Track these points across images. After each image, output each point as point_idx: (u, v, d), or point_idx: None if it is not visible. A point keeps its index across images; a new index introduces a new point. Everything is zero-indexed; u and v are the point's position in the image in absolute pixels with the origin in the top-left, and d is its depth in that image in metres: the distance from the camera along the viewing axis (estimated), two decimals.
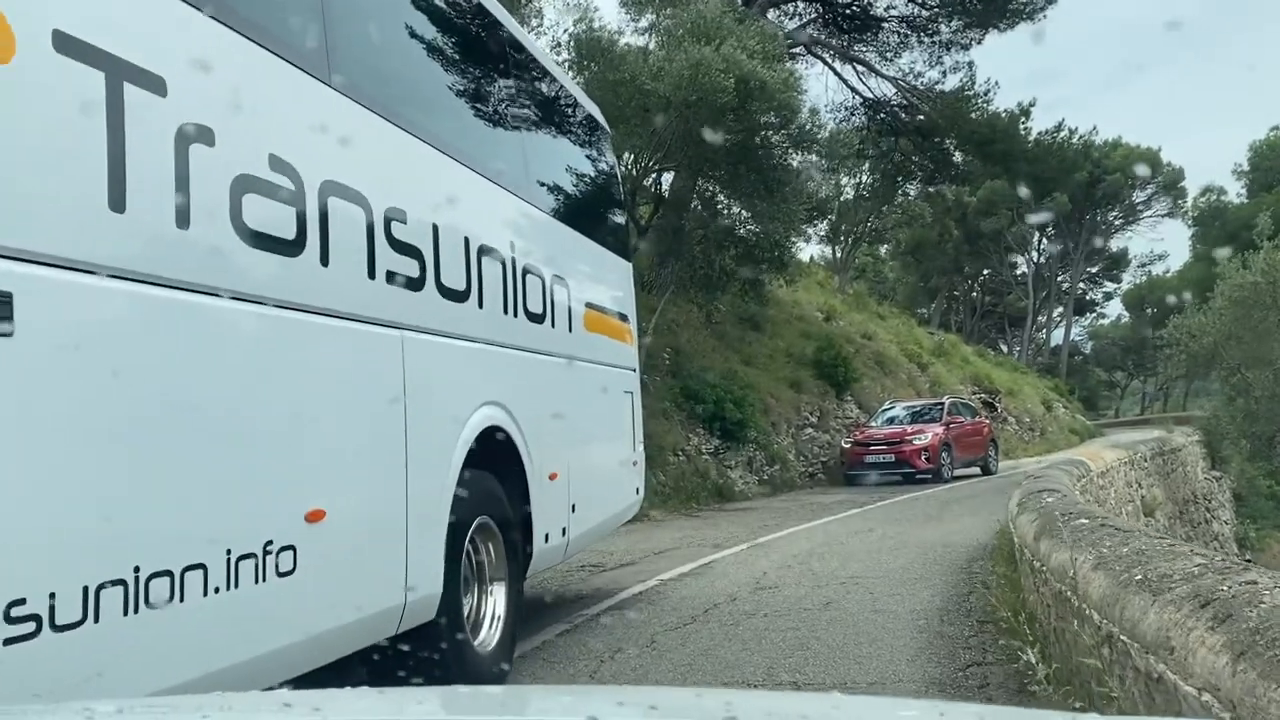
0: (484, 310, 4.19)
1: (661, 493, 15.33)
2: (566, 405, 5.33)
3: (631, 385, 7.28)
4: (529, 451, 4.50)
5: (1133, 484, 13.86)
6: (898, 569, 8.73)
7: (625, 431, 6.98)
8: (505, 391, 4.33)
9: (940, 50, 23.53)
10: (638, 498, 7.45)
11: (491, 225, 4.39)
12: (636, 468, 7.32)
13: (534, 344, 4.84)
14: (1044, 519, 5.18)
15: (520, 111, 5.00)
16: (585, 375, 5.81)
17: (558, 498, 5.01)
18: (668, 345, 19.00)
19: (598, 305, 6.29)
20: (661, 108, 14.47)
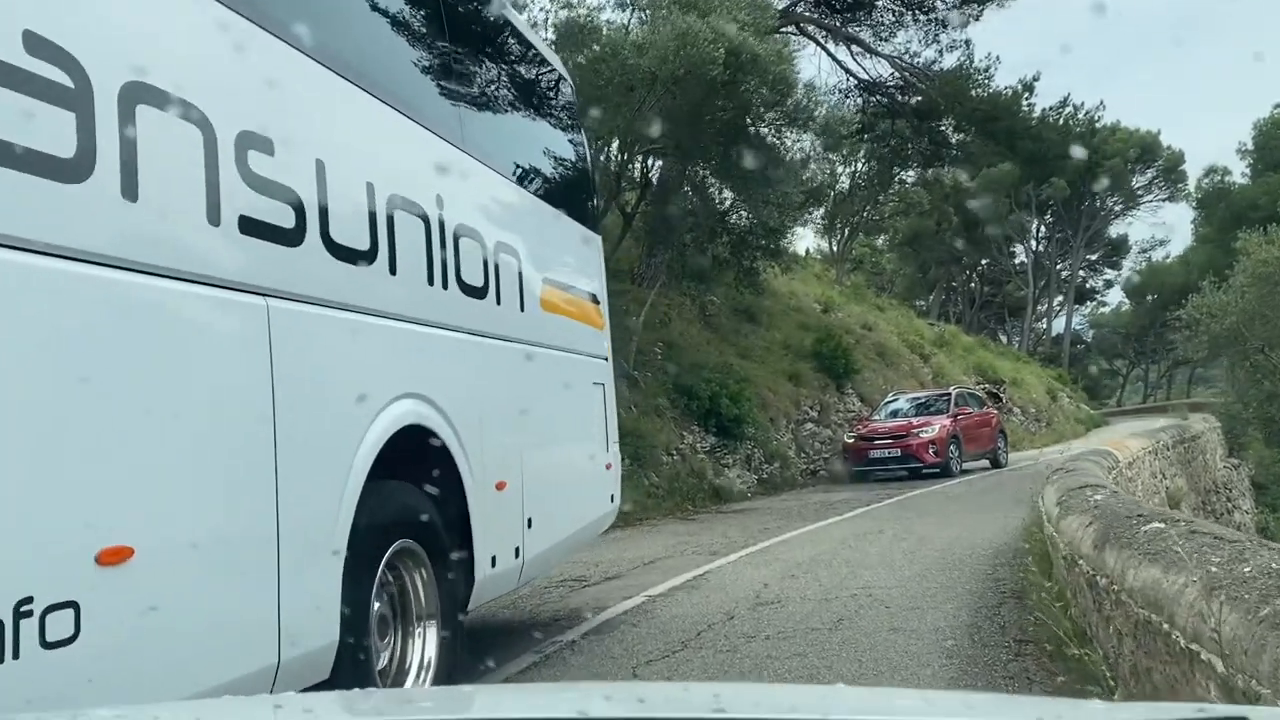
0: (398, 278, 3.30)
1: (654, 495, 14.45)
2: (519, 399, 4.47)
3: (603, 376, 6.39)
4: (467, 456, 3.62)
5: (1158, 474, 13.01)
6: (914, 577, 7.85)
7: (595, 430, 6.10)
8: (433, 382, 3.46)
9: (937, 28, 22.64)
10: (613, 507, 6.56)
11: (409, 171, 3.50)
12: (610, 472, 6.43)
13: (473, 324, 3.94)
14: (1104, 523, 4.29)
15: (451, 38, 4.05)
16: (543, 364, 4.95)
17: (508, 512, 4.13)
18: (659, 339, 18.12)
19: (559, 282, 5.43)
20: (647, 84, 13.58)
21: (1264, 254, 15.01)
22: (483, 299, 4.10)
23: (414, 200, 3.44)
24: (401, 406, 3.16)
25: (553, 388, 5.18)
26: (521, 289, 4.61)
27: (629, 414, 15.27)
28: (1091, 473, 7.46)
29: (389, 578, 3.22)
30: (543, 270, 5.10)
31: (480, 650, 5.62)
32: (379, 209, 3.17)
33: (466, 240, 3.92)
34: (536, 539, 4.48)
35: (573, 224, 5.99)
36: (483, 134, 4.44)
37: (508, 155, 4.77)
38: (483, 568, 3.75)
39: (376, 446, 2.96)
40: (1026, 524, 9.47)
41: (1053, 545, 5.82)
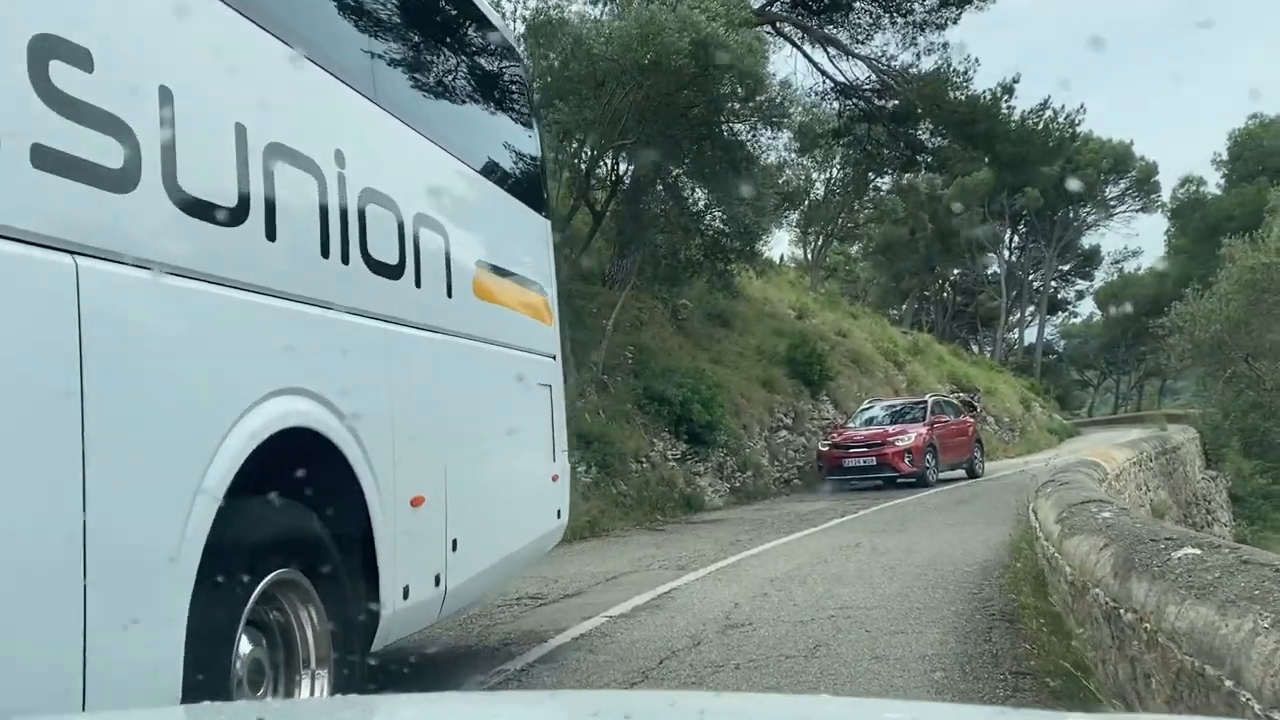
0: (278, 246, 2.65)
1: (622, 504, 13.85)
2: (443, 400, 3.84)
3: (551, 377, 5.74)
4: (371, 467, 2.98)
5: (1142, 486, 12.59)
6: (895, 595, 7.29)
7: (540, 437, 5.45)
8: (326, 376, 2.83)
9: (914, 31, 22.23)
10: (560, 523, 5.90)
11: (299, 117, 2.86)
12: (558, 484, 5.79)
13: (384, 309, 3.28)
14: (1123, 547, 3.74)
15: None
16: (476, 359, 4.32)
17: (426, 532, 3.49)
18: (631, 342, 17.54)
19: (499, 268, 4.79)
20: (615, 76, 13.01)
21: (1251, 260, 14.65)
22: (397, 279, 3.42)
23: (303, 152, 2.80)
24: (279, 405, 2.53)
25: (487, 388, 4.54)
26: (449, 272, 3.97)
27: (597, 419, 14.67)
28: (1087, 485, 6.95)
29: (267, 615, 2.59)
30: (478, 253, 4.43)
31: (412, 681, 4.99)
32: (253, 156, 2.52)
33: (377, 208, 3.26)
34: (463, 564, 3.81)
35: (517, 204, 5.36)
36: (405, 89, 3.82)
37: (437, 118, 4.13)
38: (392, 600, 3.10)
39: (242, 453, 2.33)
40: (1014, 540, 8.96)
41: (1052, 567, 5.27)
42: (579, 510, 12.67)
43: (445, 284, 3.95)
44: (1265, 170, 37.79)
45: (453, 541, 3.71)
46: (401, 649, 6.28)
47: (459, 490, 3.81)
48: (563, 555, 10.76)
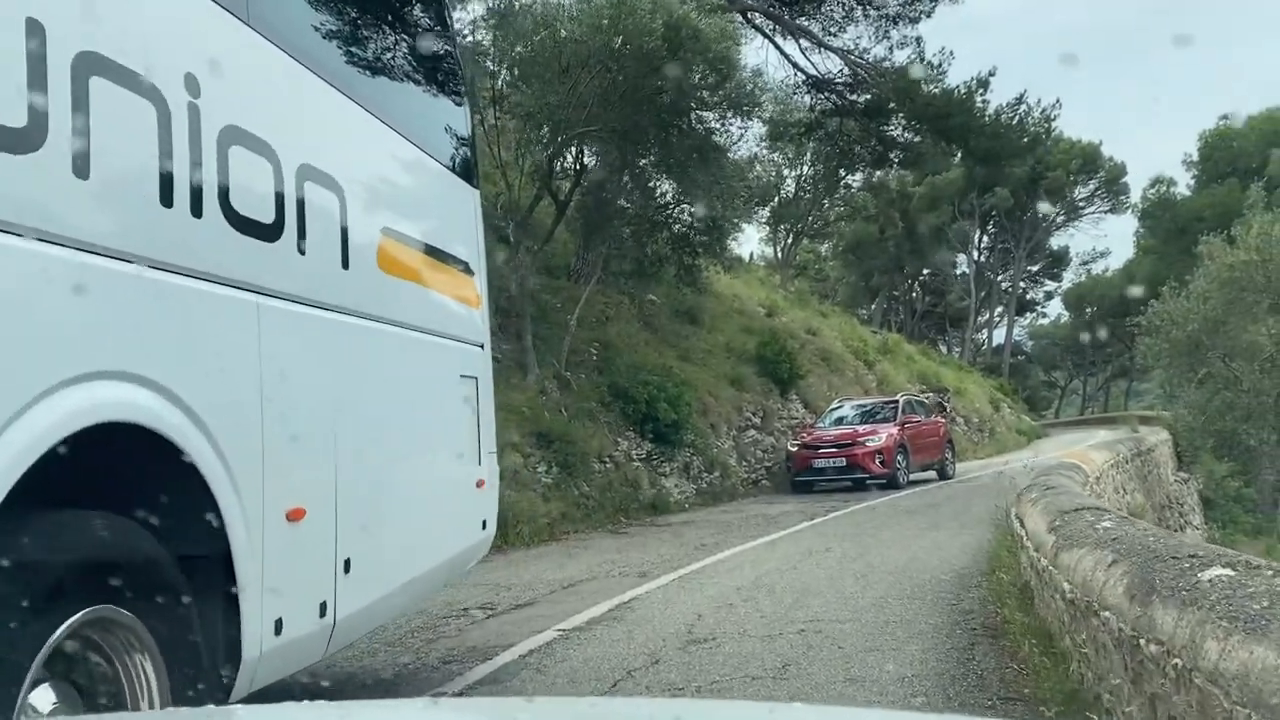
0: (92, 185, 2.06)
1: (584, 506, 13.29)
2: (335, 391, 3.23)
3: (477, 368, 5.11)
4: (230, 471, 2.40)
5: (1120, 489, 12.24)
6: (869, 607, 6.81)
7: (463, 437, 4.82)
8: (165, 358, 2.26)
9: (887, 24, 21.86)
10: (485, 535, 5.26)
11: (120, 21, 2.22)
12: (484, 491, 5.15)
13: (252, 277, 2.70)
14: (1136, 564, 3.25)
15: None
16: (380, 344, 3.73)
17: (308, 551, 2.90)
18: (595, 338, 16.98)
19: (411, 239, 4.15)
20: (581, 60, 12.45)
21: (1230, 258, 14.34)
22: (272, 241, 2.79)
23: (135, 71, 2.19)
24: (94, 392, 1.93)
25: (395, 378, 3.90)
26: (345, 238, 3.34)
27: (559, 417, 14.10)
28: (1075, 490, 6.49)
29: (90, 659, 2.02)
30: (385, 219, 3.84)
31: None
32: (55, 66, 1.93)
33: (245, 153, 2.62)
34: (358, 588, 3.20)
35: (439, 169, 4.68)
36: (293, 14, 3.21)
37: (336, 56, 3.52)
38: (258, 637, 2.48)
39: (33, 451, 1.75)
40: (992, 548, 8.51)
41: (1044, 581, 4.79)
42: (538, 513, 12.11)
43: (340, 252, 3.32)
44: (1235, 171, 37.91)
45: (345, 562, 3.10)
46: (331, 666, 5.70)
47: (354, 500, 3.20)
48: (519, 561, 10.20)
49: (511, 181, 14.87)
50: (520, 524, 11.60)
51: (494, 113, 14.52)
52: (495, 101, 14.42)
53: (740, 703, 3.97)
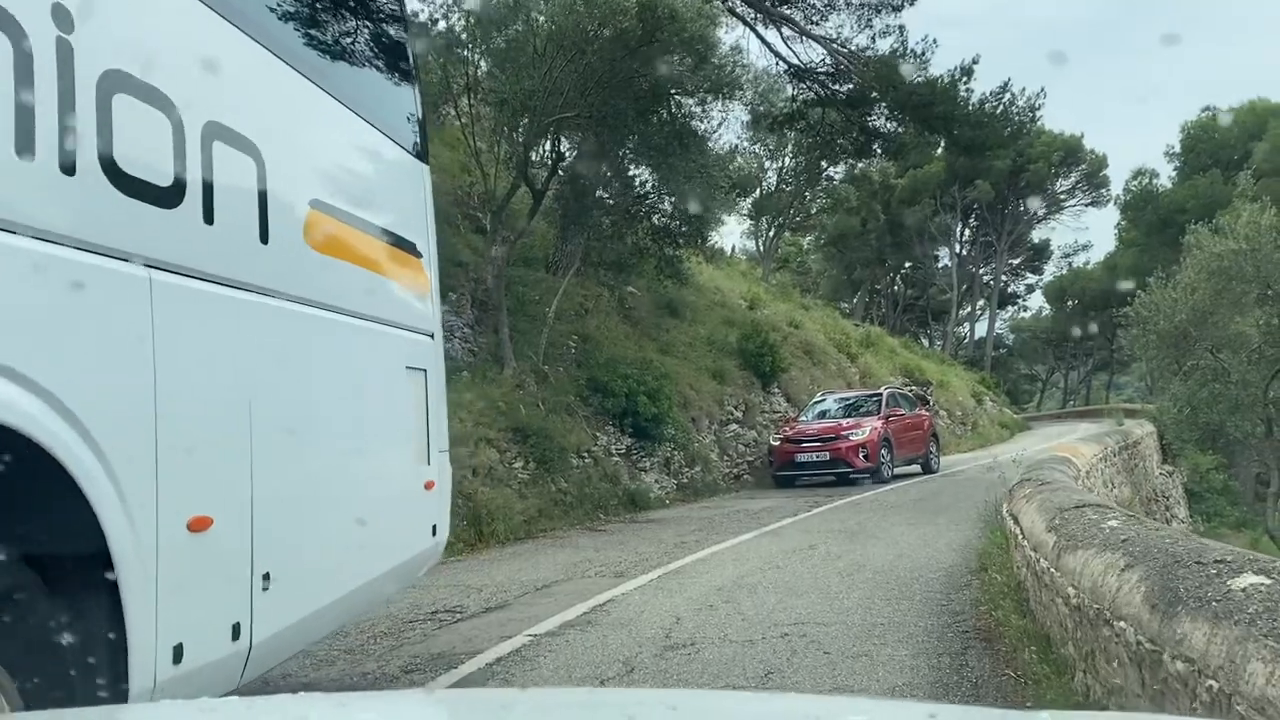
0: None
1: (562, 503, 12.95)
2: (251, 382, 2.86)
3: (426, 359, 4.70)
4: (112, 474, 2.04)
5: (1108, 482, 12.01)
6: (855, 608, 6.52)
7: (408, 434, 4.40)
8: (28, 342, 1.91)
9: (870, 12, 21.54)
10: (436, 541, 4.83)
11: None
12: (433, 493, 4.72)
13: (144, 248, 2.33)
14: (1154, 569, 2.96)
15: None
16: (307, 330, 3.34)
17: (216, 566, 2.54)
18: (574, 331, 16.63)
19: (348, 215, 3.72)
20: (555, 42, 12.09)
21: (1219, 247, 14.12)
22: (171, 208, 2.44)
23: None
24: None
25: (327, 368, 3.52)
26: (264, 208, 2.94)
27: (536, 412, 13.75)
28: (1071, 486, 6.21)
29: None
30: (315, 190, 3.42)
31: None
32: None
33: (132, 101, 2.27)
34: (279, 606, 2.82)
35: (380, 139, 4.25)
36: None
37: (253, 1, 3.09)
38: (151, 669, 2.12)
39: None
40: (982, 545, 8.25)
41: (1043, 583, 4.49)
42: (514, 510, 11.76)
43: (258, 224, 2.92)
44: (1218, 162, 37.88)
45: (263, 576, 2.74)
46: (288, 675, 5.35)
47: (274, 506, 2.82)
48: (492, 560, 9.87)
49: (487, 170, 14.50)
50: (495, 521, 11.26)
51: (468, 100, 14.15)
52: (469, 89, 14.04)
53: (735, 692, 3.95)
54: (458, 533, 10.76)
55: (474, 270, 15.88)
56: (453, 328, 15.28)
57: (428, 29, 14.27)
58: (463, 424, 12.25)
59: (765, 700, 2.35)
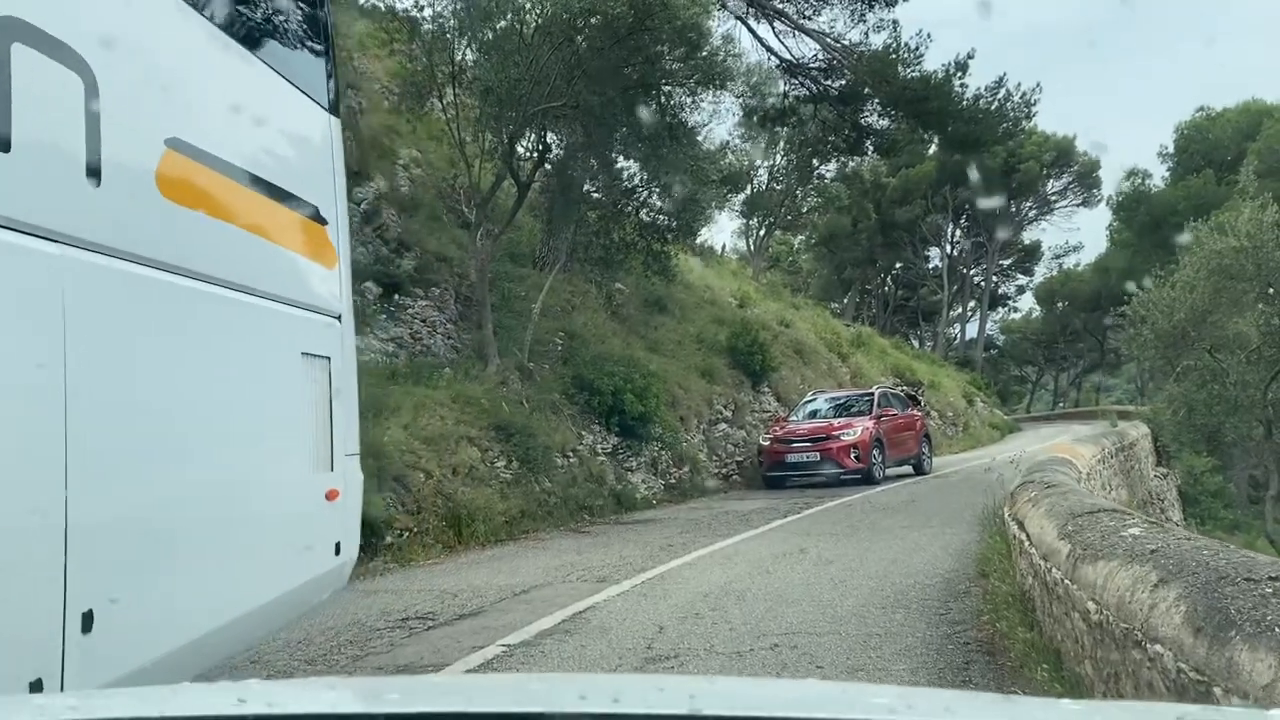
0: None
1: (545, 504, 12.59)
2: (57, 366, 2.28)
3: (329, 345, 4.03)
4: None
5: (1106, 485, 11.72)
6: (849, 616, 6.17)
7: (302, 435, 3.77)
8: None
9: (863, 7, 21.25)
10: (340, 561, 4.17)
11: None
12: (339, 504, 4.08)
13: None
14: (1201, 589, 2.62)
15: None
16: (154, 300, 2.75)
17: (6, 605, 2.04)
18: (560, 328, 16.27)
19: (219, 160, 3.14)
20: (542, 29, 11.73)
21: (1220, 245, 13.85)
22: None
23: None
24: None
25: (184, 350, 2.91)
26: (95, 139, 2.41)
27: (520, 409, 13.37)
28: (1078, 488, 5.88)
29: None
30: (172, 124, 2.85)
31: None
32: None
33: None
34: (107, 653, 2.30)
35: (274, 79, 3.65)
36: None
37: None
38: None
39: None
40: (980, 550, 7.91)
41: (1055, 595, 4.14)
42: (495, 510, 11.37)
43: (84, 159, 2.39)
44: (1211, 163, 37.69)
45: (82, 617, 2.22)
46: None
47: (100, 528, 2.31)
48: (470, 563, 9.50)
49: (471, 162, 14.12)
50: (475, 522, 10.89)
51: (453, 89, 13.76)
52: (454, 78, 13.65)
53: (755, 679, 3.96)
54: (436, 534, 10.39)
55: (458, 265, 15.51)
56: (436, 323, 14.91)
57: (415, 20, 13.91)
58: (443, 422, 11.89)
59: (783, 687, 2.34)
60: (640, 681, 2.73)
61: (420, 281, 14.81)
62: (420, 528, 10.29)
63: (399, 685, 2.05)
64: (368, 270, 14.12)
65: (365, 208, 14.54)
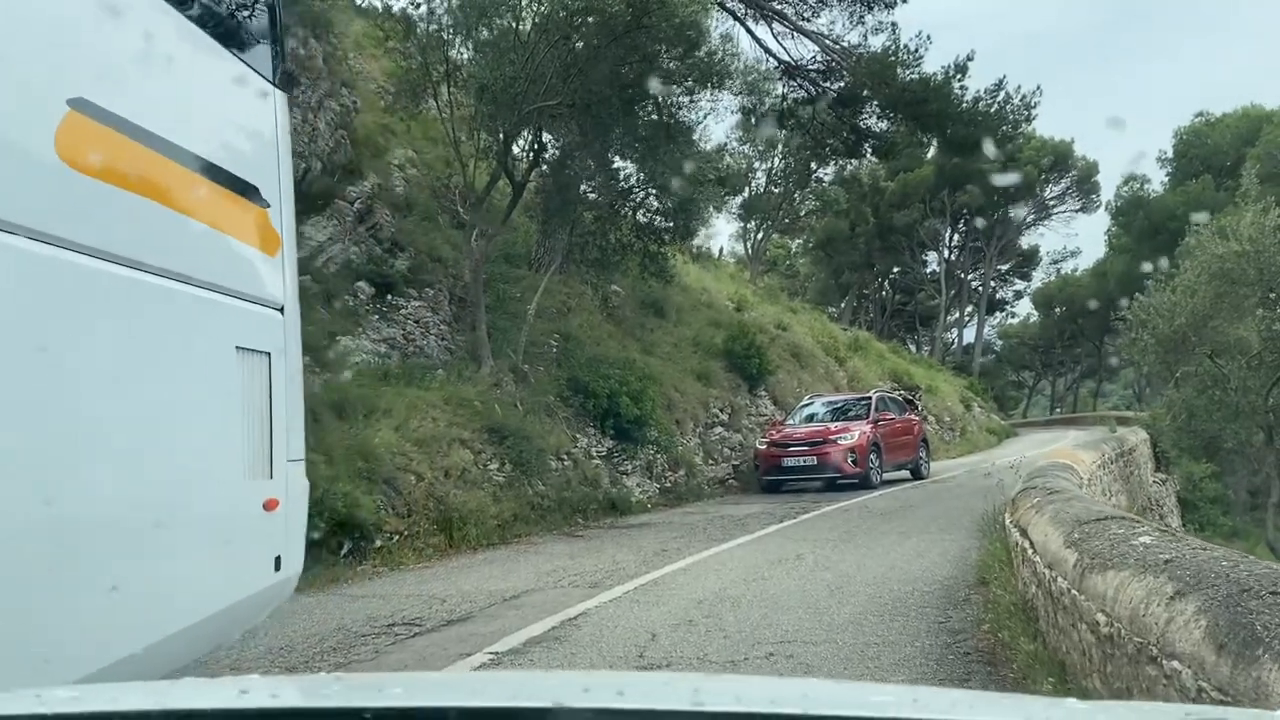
0: None
1: (539, 507, 12.42)
2: None
3: (269, 339, 3.71)
4: None
5: (1106, 490, 11.58)
6: (846, 625, 6.02)
7: (235, 438, 3.42)
8: None
9: (862, 9, 21.14)
10: (282, 577, 3.78)
11: None
12: (278, 516, 3.69)
13: None
14: (1222, 603, 2.48)
15: None
16: (53, 282, 2.48)
17: None
18: (556, 329, 16.12)
19: (133, 127, 2.83)
20: (539, 27, 11.59)
21: (1222, 249, 13.71)
22: None
23: None
24: None
25: (90, 340, 2.61)
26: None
27: (513, 412, 13.22)
28: (1083, 495, 5.73)
29: None
30: (77, 83, 2.59)
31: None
32: None
33: None
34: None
35: (206, 42, 3.36)
36: None
37: None
38: None
39: None
40: (980, 556, 7.76)
41: (1060, 604, 3.99)
42: (487, 514, 11.20)
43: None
44: (1210, 168, 37.62)
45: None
46: None
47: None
48: (461, 567, 9.33)
49: (466, 162, 13.97)
50: (467, 526, 10.73)
51: (447, 88, 13.62)
52: (449, 75, 13.51)
53: (758, 677, 3.97)
54: (426, 538, 10.22)
55: (453, 266, 15.36)
56: (429, 324, 14.75)
57: (410, 19, 13.77)
58: (436, 423, 11.73)
59: (786, 685, 2.35)
60: (645, 678, 2.76)
61: (414, 282, 14.66)
62: (411, 531, 10.13)
63: (403, 680, 2.06)
64: (361, 270, 13.97)
65: (359, 207, 14.40)
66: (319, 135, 14.02)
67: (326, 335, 12.31)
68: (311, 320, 12.48)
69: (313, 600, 7.64)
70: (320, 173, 13.82)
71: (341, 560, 9.01)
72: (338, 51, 15.96)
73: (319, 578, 8.47)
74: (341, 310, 13.12)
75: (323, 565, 8.74)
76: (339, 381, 11.32)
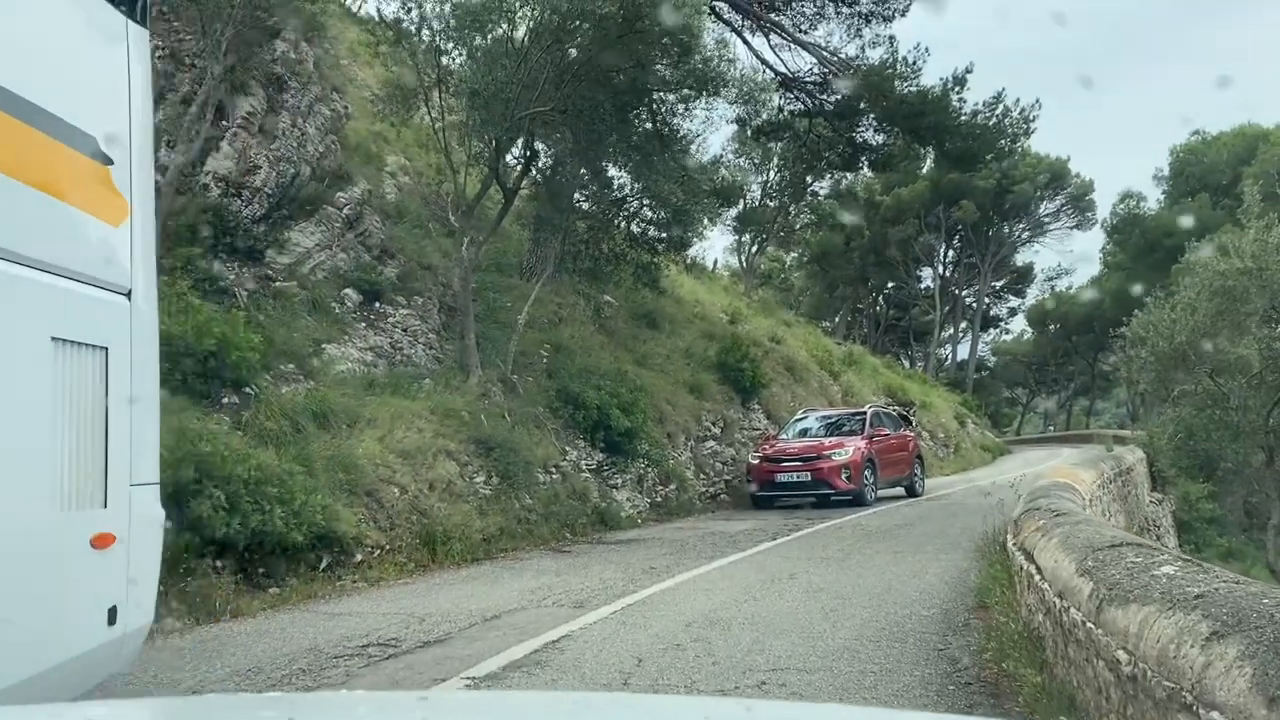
0: None
1: (526, 521, 12.13)
2: None
3: (103, 330, 3.00)
4: None
5: (1106, 511, 11.35)
6: (840, 651, 5.75)
7: (51, 456, 2.74)
8: None
9: (860, 22, 21.01)
10: (116, 634, 3.00)
11: None
12: (114, 554, 2.97)
13: None
14: (1269, 646, 2.19)
15: None
16: None
17: None
18: (547, 340, 15.85)
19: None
20: (531, 32, 11.37)
21: (1224, 266, 13.53)
22: None
23: None
24: None
25: None
26: None
27: (501, 423, 12.93)
28: (1090, 517, 5.48)
29: None
30: None
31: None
32: None
33: None
34: None
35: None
36: None
37: None
38: None
39: None
40: (979, 579, 7.50)
41: (1073, 637, 3.73)
42: (472, 528, 10.89)
43: None
44: (1206, 186, 37.59)
45: None
46: None
47: None
48: (443, 584, 9.04)
49: (457, 168, 13.73)
50: (451, 540, 10.42)
51: (438, 93, 13.39)
52: (439, 81, 13.28)
53: (768, 702, 3.88)
54: (409, 552, 9.92)
55: (442, 274, 15.11)
56: (417, 333, 14.48)
57: (400, 23, 13.55)
58: (421, 434, 11.44)
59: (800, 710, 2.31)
60: (655, 700, 2.76)
61: (403, 290, 14.41)
62: (393, 545, 9.82)
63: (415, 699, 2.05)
64: (349, 277, 13.72)
65: (348, 213, 14.15)
66: (308, 140, 13.77)
67: (312, 342, 12.04)
68: (296, 327, 12.22)
69: (286, 618, 7.35)
70: (309, 178, 13.57)
71: (320, 575, 8.72)
72: (329, 55, 15.74)
73: (295, 593, 8.19)
74: (328, 317, 12.85)
75: (300, 580, 8.45)
76: (321, 390, 11.02)
